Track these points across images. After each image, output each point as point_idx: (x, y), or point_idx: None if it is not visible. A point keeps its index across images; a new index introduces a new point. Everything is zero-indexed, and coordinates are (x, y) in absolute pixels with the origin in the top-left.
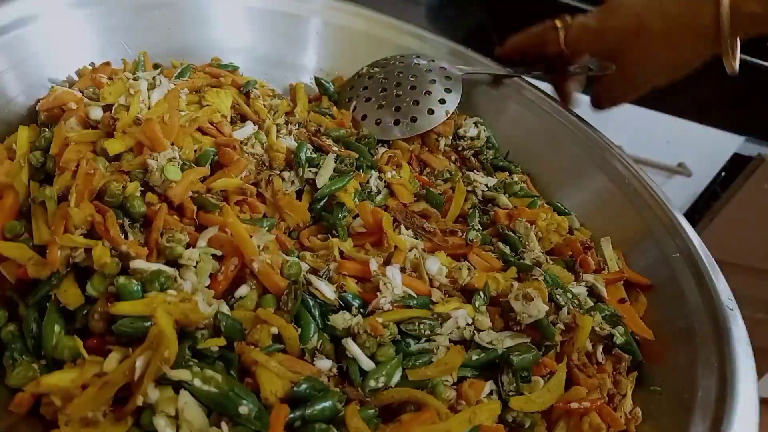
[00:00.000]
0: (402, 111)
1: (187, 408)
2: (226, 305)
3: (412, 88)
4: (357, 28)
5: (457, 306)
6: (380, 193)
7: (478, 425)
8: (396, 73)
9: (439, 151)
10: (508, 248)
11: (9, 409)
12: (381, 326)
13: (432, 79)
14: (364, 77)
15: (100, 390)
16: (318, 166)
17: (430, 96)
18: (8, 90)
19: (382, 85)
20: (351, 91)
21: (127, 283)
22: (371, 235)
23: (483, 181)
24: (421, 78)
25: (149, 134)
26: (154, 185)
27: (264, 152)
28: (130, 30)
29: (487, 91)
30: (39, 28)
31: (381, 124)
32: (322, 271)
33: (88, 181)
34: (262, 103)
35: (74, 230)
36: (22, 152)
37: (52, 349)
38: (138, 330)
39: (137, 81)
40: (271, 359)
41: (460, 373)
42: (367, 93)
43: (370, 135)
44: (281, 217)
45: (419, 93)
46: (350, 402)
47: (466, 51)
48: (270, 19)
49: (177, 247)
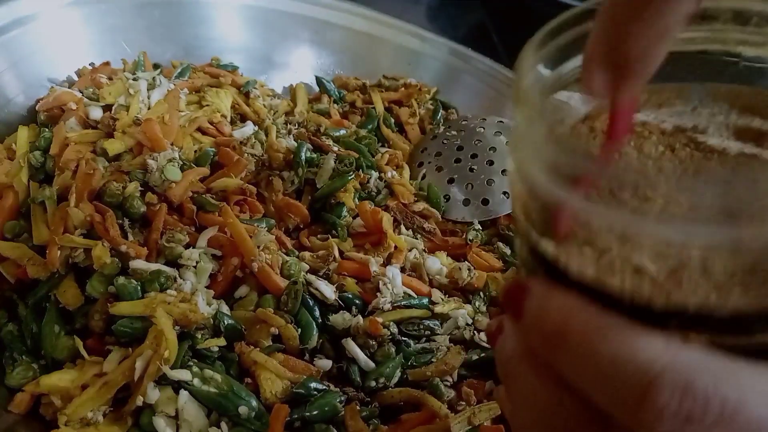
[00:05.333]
0: (474, 190)
1: (186, 408)
2: (226, 305)
3: (489, 163)
4: (357, 28)
5: (457, 306)
6: (380, 193)
7: (478, 425)
8: (474, 141)
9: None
10: (508, 248)
11: (9, 409)
12: (381, 326)
13: None
14: (438, 140)
15: (100, 390)
16: (318, 166)
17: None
18: (8, 90)
19: (457, 155)
20: (423, 154)
21: (126, 284)
22: (371, 235)
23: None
24: (500, 152)
25: (149, 134)
26: (154, 185)
27: (264, 152)
28: (130, 30)
29: (486, 91)
30: (38, 27)
31: (450, 200)
32: (322, 271)
33: (87, 181)
34: (262, 103)
35: (74, 230)
36: (22, 152)
37: (51, 349)
38: (138, 330)
39: (137, 81)
40: (271, 359)
41: (460, 373)
42: (440, 161)
43: (369, 135)
44: (281, 217)
45: (496, 171)
46: (350, 402)
47: (466, 51)
48: (270, 18)
49: (177, 248)
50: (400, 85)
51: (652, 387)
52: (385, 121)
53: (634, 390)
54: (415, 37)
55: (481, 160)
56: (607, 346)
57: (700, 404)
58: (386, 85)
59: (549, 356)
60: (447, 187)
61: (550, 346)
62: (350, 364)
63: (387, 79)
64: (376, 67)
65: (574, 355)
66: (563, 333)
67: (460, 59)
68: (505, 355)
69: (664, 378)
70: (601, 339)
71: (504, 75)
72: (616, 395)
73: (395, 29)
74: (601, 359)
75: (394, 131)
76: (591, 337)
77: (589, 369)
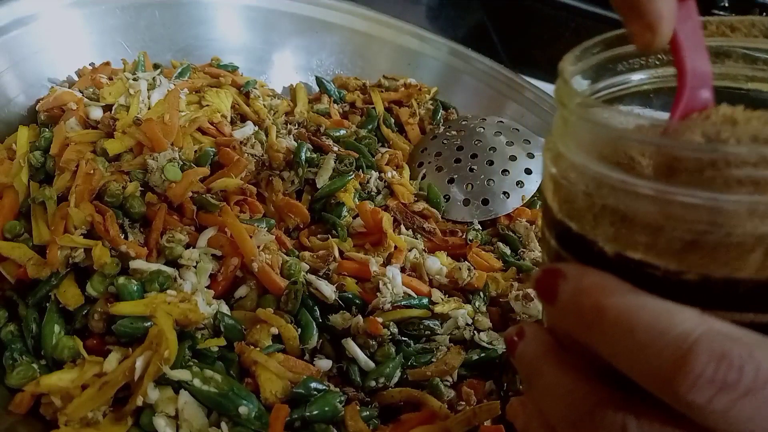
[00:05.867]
0: (474, 190)
1: (187, 408)
2: (226, 305)
3: (489, 163)
4: (357, 28)
5: (457, 306)
6: (380, 193)
7: (478, 425)
8: (474, 141)
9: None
10: (508, 248)
11: (9, 409)
12: (381, 326)
13: (512, 155)
14: (438, 140)
15: (100, 390)
16: (318, 166)
17: (508, 176)
18: (8, 90)
19: (457, 155)
20: (423, 154)
21: (126, 284)
22: (371, 235)
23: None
24: (500, 152)
25: (149, 134)
26: (154, 185)
27: (264, 152)
28: (130, 30)
29: (486, 91)
30: (38, 28)
31: (450, 200)
32: (322, 271)
33: (88, 181)
34: (262, 103)
35: (74, 230)
36: (22, 152)
37: (52, 349)
38: (138, 330)
39: (137, 81)
40: (271, 359)
41: (460, 373)
42: (440, 161)
43: (369, 135)
44: (281, 217)
45: (496, 171)
46: (350, 402)
47: (466, 51)
48: (270, 19)
49: (177, 248)
50: (400, 85)
51: (690, 354)
52: (385, 121)
53: (671, 359)
54: (415, 37)
55: (481, 160)
56: (645, 319)
57: (735, 371)
58: (386, 85)
59: (586, 334)
60: (447, 187)
61: (587, 324)
62: (350, 364)
63: (387, 79)
64: (376, 67)
65: (612, 330)
66: (600, 309)
67: (460, 59)
68: (529, 356)
69: (700, 346)
70: (638, 312)
71: (504, 75)
72: (652, 366)
73: (395, 29)
74: (638, 331)
75: (394, 131)
76: (628, 311)
77: (626, 342)
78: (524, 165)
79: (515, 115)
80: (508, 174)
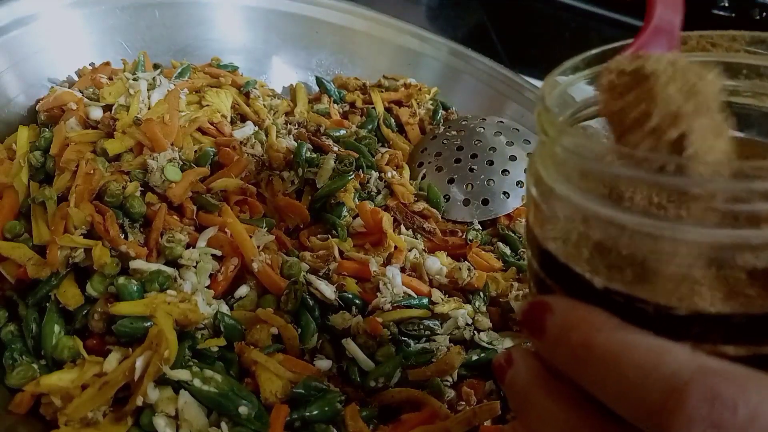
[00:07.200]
0: (474, 190)
1: (187, 408)
2: (226, 305)
3: (489, 163)
4: (357, 28)
5: (457, 306)
6: (380, 193)
7: (478, 425)
8: (474, 141)
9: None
10: (508, 248)
11: (9, 409)
12: (381, 326)
13: (512, 155)
14: (438, 140)
15: (100, 390)
16: (318, 166)
17: (508, 176)
18: (8, 90)
19: (457, 155)
20: (422, 154)
21: (126, 284)
22: (371, 235)
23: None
24: (500, 152)
25: (149, 134)
26: (154, 185)
27: (264, 152)
28: (130, 30)
29: (486, 91)
30: (38, 28)
31: (450, 200)
32: (322, 271)
33: (88, 181)
34: (262, 103)
35: (74, 230)
36: (22, 152)
37: (52, 349)
38: (138, 330)
39: (137, 81)
40: (271, 359)
41: (460, 373)
42: (440, 161)
43: (369, 135)
44: (281, 217)
45: (496, 171)
46: (350, 402)
47: (466, 51)
48: (270, 19)
49: (177, 248)
50: (400, 85)
51: (682, 394)
52: (385, 121)
53: (662, 398)
54: (415, 37)
55: (481, 160)
56: (635, 357)
57: (728, 410)
58: (386, 85)
59: (574, 371)
60: (447, 187)
61: (576, 360)
62: (350, 364)
63: (387, 79)
64: (376, 67)
65: (601, 367)
66: (590, 345)
67: (460, 59)
68: (519, 385)
69: (692, 385)
70: (628, 349)
71: (504, 75)
72: (643, 404)
73: (395, 29)
74: (628, 369)
75: (394, 131)
76: (618, 347)
77: (616, 379)
78: (524, 165)
79: (515, 115)
80: (508, 174)
